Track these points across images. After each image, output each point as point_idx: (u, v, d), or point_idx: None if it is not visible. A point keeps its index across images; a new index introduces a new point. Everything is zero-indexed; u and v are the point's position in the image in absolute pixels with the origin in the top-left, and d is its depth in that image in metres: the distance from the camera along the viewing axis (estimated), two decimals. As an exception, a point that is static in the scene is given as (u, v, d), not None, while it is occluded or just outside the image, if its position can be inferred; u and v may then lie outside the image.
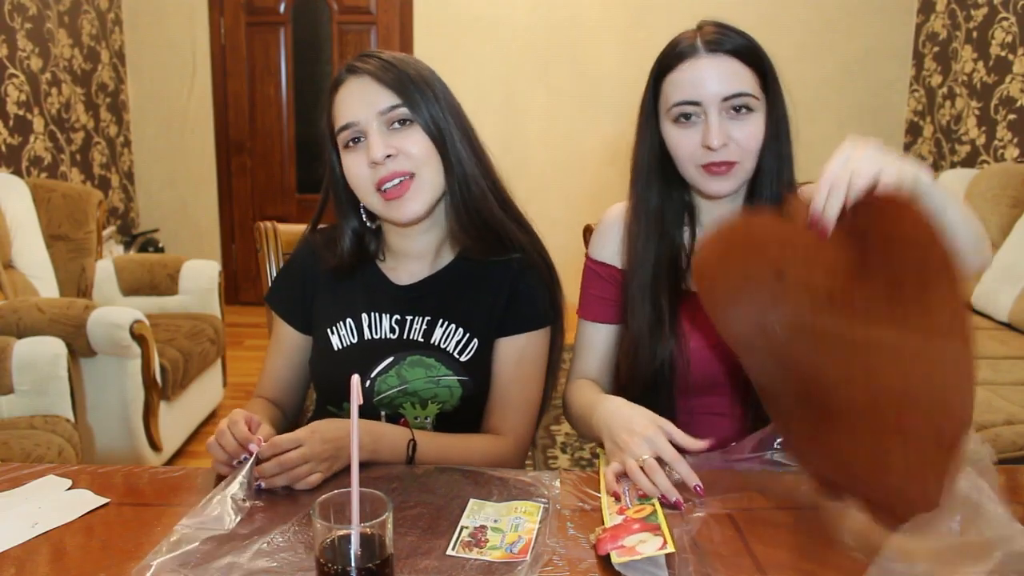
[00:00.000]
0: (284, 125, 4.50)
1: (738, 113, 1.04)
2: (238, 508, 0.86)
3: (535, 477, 0.95)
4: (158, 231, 4.46)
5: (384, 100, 1.04)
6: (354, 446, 0.67)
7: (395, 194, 1.04)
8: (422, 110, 1.05)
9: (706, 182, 1.07)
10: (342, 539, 0.65)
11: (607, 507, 0.87)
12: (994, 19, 3.53)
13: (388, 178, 1.04)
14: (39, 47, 3.47)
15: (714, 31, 1.05)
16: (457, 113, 1.10)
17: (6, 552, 0.80)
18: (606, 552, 0.76)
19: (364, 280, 1.16)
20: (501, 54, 4.27)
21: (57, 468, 0.98)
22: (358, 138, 1.05)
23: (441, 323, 1.11)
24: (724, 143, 1.03)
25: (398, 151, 1.04)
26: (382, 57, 1.07)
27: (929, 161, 4.09)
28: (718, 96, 1.03)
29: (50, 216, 2.92)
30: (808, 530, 0.84)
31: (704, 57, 1.04)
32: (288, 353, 1.20)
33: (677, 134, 1.07)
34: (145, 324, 2.31)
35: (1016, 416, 1.96)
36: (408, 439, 1.01)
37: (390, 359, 1.11)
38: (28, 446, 1.85)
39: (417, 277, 1.15)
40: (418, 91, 1.05)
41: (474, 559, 0.78)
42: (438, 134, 1.06)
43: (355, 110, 1.05)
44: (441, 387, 1.09)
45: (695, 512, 0.86)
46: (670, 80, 1.07)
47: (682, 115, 1.05)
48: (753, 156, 1.06)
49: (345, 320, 1.14)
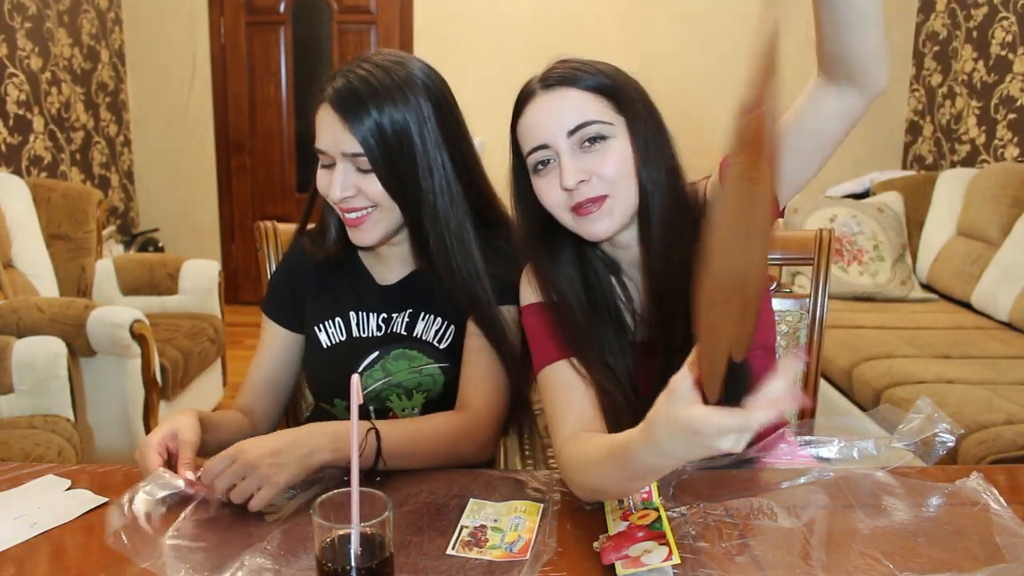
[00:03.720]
0: (284, 125, 4.50)
1: (593, 144, 0.95)
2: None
3: (535, 477, 0.95)
4: (158, 231, 4.46)
5: (348, 145, 1.03)
6: (354, 447, 0.67)
7: (352, 223, 1.08)
8: (380, 166, 1.03)
9: (582, 225, 0.97)
10: (342, 539, 0.65)
11: (610, 512, 0.87)
12: (994, 18, 3.53)
13: (346, 210, 1.07)
14: (39, 46, 3.47)
15: (553, 69, 0.99)
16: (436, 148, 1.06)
17: (6, 552, 0.80)
18: (611, 562, 0.76)
19: (351, 279, 1.19)
20: (501, 54, 4.27)
21: (57, 468, 0.98)
22: (329, 165, 1.07)
23: (423, 315, 1.14)
24: (581, 179, 0.94)
25: (357, 191, 1.05)
26: (358, 91, 1.03)
27: (929, 161, 4.09)
28: (562, 131, 0.94)
29: (50, 216, 2.92)
30: (808, 530, 0.84)
31: (540, 95, 0.97)
32: (276, 354, 1.21)
33: (539, 184, 0.98)
34: (145, 324, 2.31)
35: (1016, 416, 1.96)
36: (368, 428, 0.97)
37: (375, 354, 1.13)
38: (28, 446, 1.84)
39: (399, 275, 1.18)
40: (384, 146, 1.03)
41: (474, 559, 0.78)
42: (397, 187, 1.05)
43: (324, 140, 1.05)
44: (424, 376, 1.12)
45: (697, 517, 0.86)
46: (519, 131, 1.00)
47: (539, 163, 0.97)
48: (625, 184, 0.96)
49: (333, 319, 1.17)
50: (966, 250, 3.10)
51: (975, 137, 3.67)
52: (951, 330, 2.76)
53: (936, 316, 2.94)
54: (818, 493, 0.92)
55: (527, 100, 0.99)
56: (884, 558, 0.77)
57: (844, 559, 0.78)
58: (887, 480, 0.94)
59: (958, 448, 1.88)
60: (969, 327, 2.79)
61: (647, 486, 0.88)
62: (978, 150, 3.65)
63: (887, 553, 0.78)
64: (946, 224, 3.29)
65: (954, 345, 2.57)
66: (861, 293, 3.17)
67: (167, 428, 0.95)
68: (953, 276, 3.12)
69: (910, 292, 3.20)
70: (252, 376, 1.22)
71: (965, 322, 2.85)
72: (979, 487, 0.90)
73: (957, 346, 2.56)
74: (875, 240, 3.27)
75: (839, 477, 0.95)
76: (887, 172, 3.84)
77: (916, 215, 3.42)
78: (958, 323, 2.84)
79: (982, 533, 0.82)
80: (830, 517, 0.86)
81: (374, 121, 1.02)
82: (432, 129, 1.06)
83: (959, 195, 3.28)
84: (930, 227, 3.36)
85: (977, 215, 3.10)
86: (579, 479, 0.86)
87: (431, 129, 1.06)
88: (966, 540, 0.81)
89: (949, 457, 1.38)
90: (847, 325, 2.81)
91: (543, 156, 0.97)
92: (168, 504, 0.87)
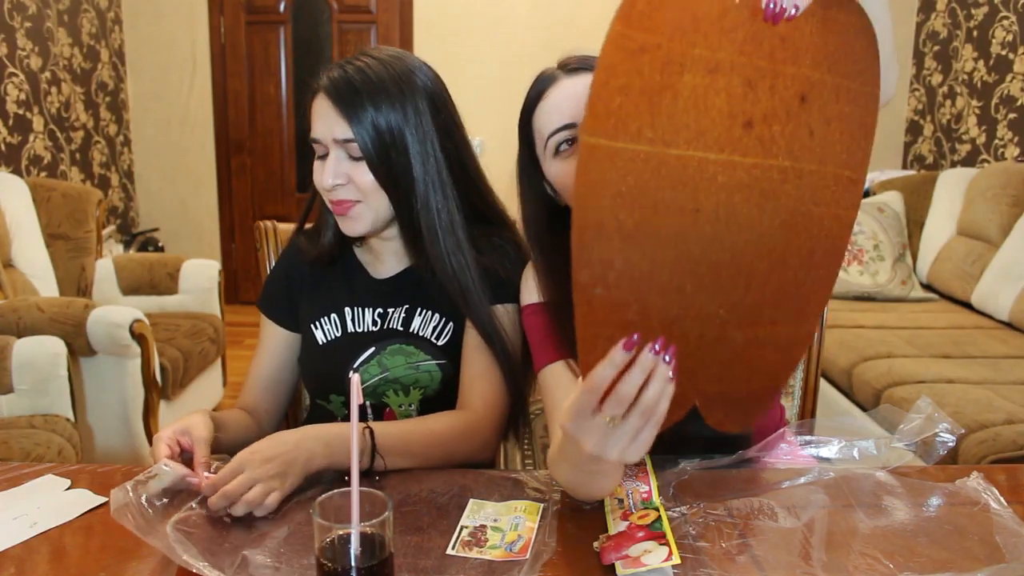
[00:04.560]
0: (284, 124, 4.50)
1: None
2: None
3: (535, 477, 0.95)
4: (158, 230, 4.46)
5: (340, 131, 1.04)
6: (354, 447, 0.67)
7: (339, 211, 1.08)
8: (371, 153, 1.04)
9: None
10: (342, 539, 0.65)
11: (610, 511, 0.87)
12: (995, 18, 3.53)
13: (335, 201, 1.08)
14: (39, 46, 3.47)
15: (569, 59, 1.01)
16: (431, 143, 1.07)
17: (5, 552, 0.80)
18: (611, 562, 0.76)
19: (346, 275, 1.19)
20: (501, 54, 4.27)
21: (56, 468, 0.98)
22: (323, 155, 1.07)
23: (419, 311, 1.14)
24: None
25: (348, 179, 1.06)
26: (352, 80, 1.04)
27: (929, 160, 4.09)
28: None
29: (50, 215, 2.92)
30: (808, 530, 0.84)
31: (564, 79, 0.99)
32: (275, 354, 1.22)
33: (562, 167, 0.98)
34: (145, 323, 2.31)
35: (1016, 416, 1.96)
36: (363, 427, 0.97)
37: (371, 349, 1.13)
38: (28, 445, 1.84)
39: (395, 270, 1.18)
40: (376, 133, 1.03)
41: (474, 558, 0.78)
42: (387, 176, 1.05)
43: (318, 129, 1.06)
44: (421, 372, 1.11)
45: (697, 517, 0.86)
46: (537, 116, 1.01)
47: (563, 142, 0.98)
48: None
49: (329, 315, 1.17)
50: (966, 250, 3.10)
51: (975, 137, 3.67)
52: (951, 330, 2.76)
53: (936, 316, 2.94)
54: (818, 493, 0.92)
55: (548, 85, 1.00)
56: (884, 558, 0.77)
57: (844, 559, 0.78)
58: (887, 480, 0.94)
59: (958, 448, 1.88)
60: (969, 327, 2.79)
61: (610, 489, 0.87)
62: (978, 150, 3.65)
63: (887, 553, 0.78)
64: (946, 224, 3.29)
65: (954, 345, 2.57)
66: (861, 293, 3.17)
67: (179, 424, 0.96)
68: (953, 276, 3.12)
69: (910, 292, 3.20)
70: (252, 376, 1.22)
71: (965, 322, 2.85)
72: (979, 487, 0.90)
73: (957, 346, 2.56)
74: (875, 240, 3.27)
75: (839, 477, 0.95)
76: (887, 172, 3.84)
77: (916, 215, 3.42)
78: (958, 323, 2.84)
79: (982, 533, 0.82)
80: (830, 517, 0.86)
81: (367, 109, 1.03)
82: (427, 122, 1.06)
83: (959, 195, 3.28)
84: (930, 227, 3.36)
85: (977, 215, 3.10)
86: (553, 475, 0.89)
87: (426, 122, 1.06)
88: (966, 540, 0.81)
89: (949, 457, 1.38)
90: (847, 325, 2.81)
91: (570, 135, 0.97)
92: (172, 494, 0.88)
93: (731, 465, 0.98)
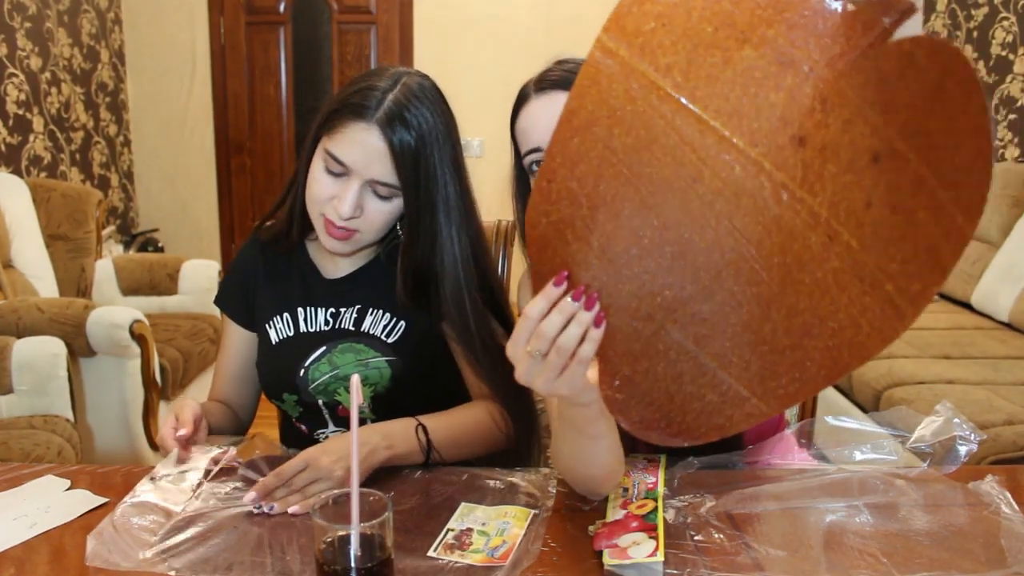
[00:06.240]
0: (284, 125, 4.50)
1: None
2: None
3: (531, 481, 0.95)
4: (158, 231, 4.45)
5: (384, 175, 1.01)
6: (354, 446, 0.67)
7: (337, 235, 1.05)
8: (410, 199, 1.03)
9: None
10: (342, 539, 0.65)
11: (613, 498, 0.88)
12: (994, 19, 3.53)
13: (339, 227, 1.04)
14: (39, 46, 3.47)
15: (549, 71, 0.99)
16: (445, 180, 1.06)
17: (5, 552, 0.80)
18: (601, 548, 0.77)
19: (299, 275, 1.19)
20: (501, 54, 4.27)
21: (56, 468, 0.98)
22: (339, 174, 1.03)
23: (371, 311, 1.15)
24: None
25: (362, 212, 1.04)
26: (411, 126, 1.00)
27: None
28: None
29: (49, 216, 2.92)
30: (808, 530, 0.84)
31: (534, 99, 0.99)
32: (237, 351, 1.23)
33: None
34: (145, 324, 2.31)
35: (1016, 416, 1.96)
36: (415, 425, 1.01)
37: (322, 348, 1.14)
38: (27, 446, 1.84)
39: (347, 270, 1.18)
40: (416, 187, 1.02)
41: (454, 562, 0.78)
42: (414, 219, 1.05)
43: (354, 156, 1.01)
44: (371, 369, 1.12)
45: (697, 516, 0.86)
46: (516, 133, 1.02)
47: (533, 164, 1.00)
48: None
49: (282, 315, 1.17)
50: (966, 250, 3.10)
51: (975, 137, 3.67)
52: (951, 330, 2.76)
53: (936, 316, 2.94)
54: (818, 493, 0.91)
55: (522, 103, 1.01)
56: (884, 558, 0.77)
57: (844, 559, 0.78)
58: (890, 480, 0.94)
59: (958, 448, 1.88)
60: (969, 327, 2.79)
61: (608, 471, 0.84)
62: (978, 150, 3.64)
63: (887, 553, 0.78)
64: (946, 224, 3.29)
65: (954, 345, 2.57)
66: (861, 293, 3.17)
67: (171, 415, 1.01)
68: (953, 276, 3.12)
69: (910, 292, 3.20)
70: (219, 373, 1.23)
71: (965, 322, 2.85)
72: (992, 490, 0.89)
73: (957, 346, 2.56)
74: (875, 240, 3.26)
75: (840, 477, 0.95)
76: (887, 172, 3.84)
77: (916, 215, 3.42)
78: (958, 323, 2.84)
79: (987, 536, 0.82)
80: (831, 517, 0.86)
81: (420, 163, 1.01)
82: (451, 169, 1.06)
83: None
84: (930, 227, 3.36)
85: (977, 215, 3.10)
86: (555, 462, 0.91)
87: (452, 171, 1.06)
88: (969, 542, 0.81)
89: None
90: (847, 325, 2.80)
91: (538, 158, 0.99)
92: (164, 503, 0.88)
93: (731, 465, 0.99)
